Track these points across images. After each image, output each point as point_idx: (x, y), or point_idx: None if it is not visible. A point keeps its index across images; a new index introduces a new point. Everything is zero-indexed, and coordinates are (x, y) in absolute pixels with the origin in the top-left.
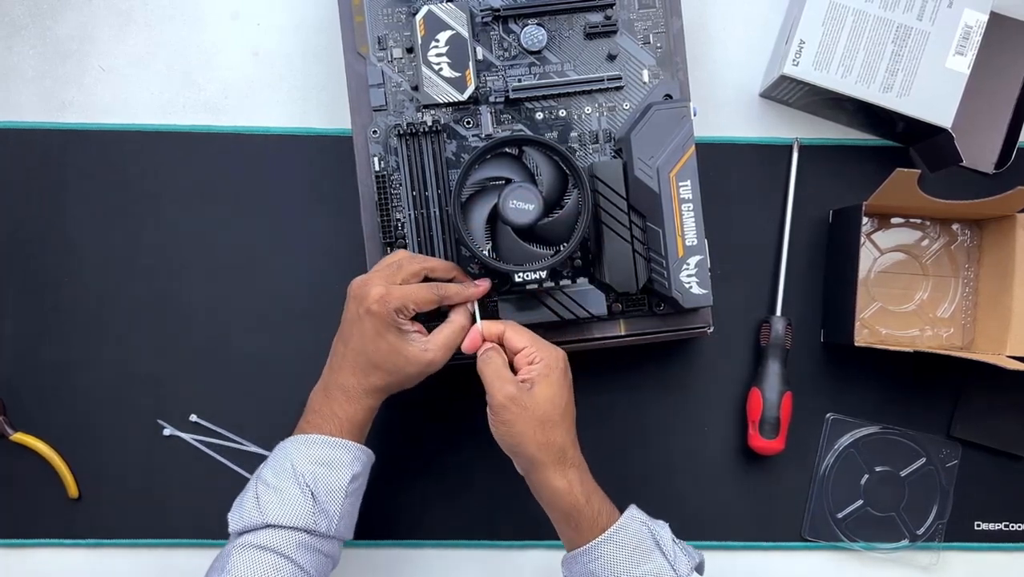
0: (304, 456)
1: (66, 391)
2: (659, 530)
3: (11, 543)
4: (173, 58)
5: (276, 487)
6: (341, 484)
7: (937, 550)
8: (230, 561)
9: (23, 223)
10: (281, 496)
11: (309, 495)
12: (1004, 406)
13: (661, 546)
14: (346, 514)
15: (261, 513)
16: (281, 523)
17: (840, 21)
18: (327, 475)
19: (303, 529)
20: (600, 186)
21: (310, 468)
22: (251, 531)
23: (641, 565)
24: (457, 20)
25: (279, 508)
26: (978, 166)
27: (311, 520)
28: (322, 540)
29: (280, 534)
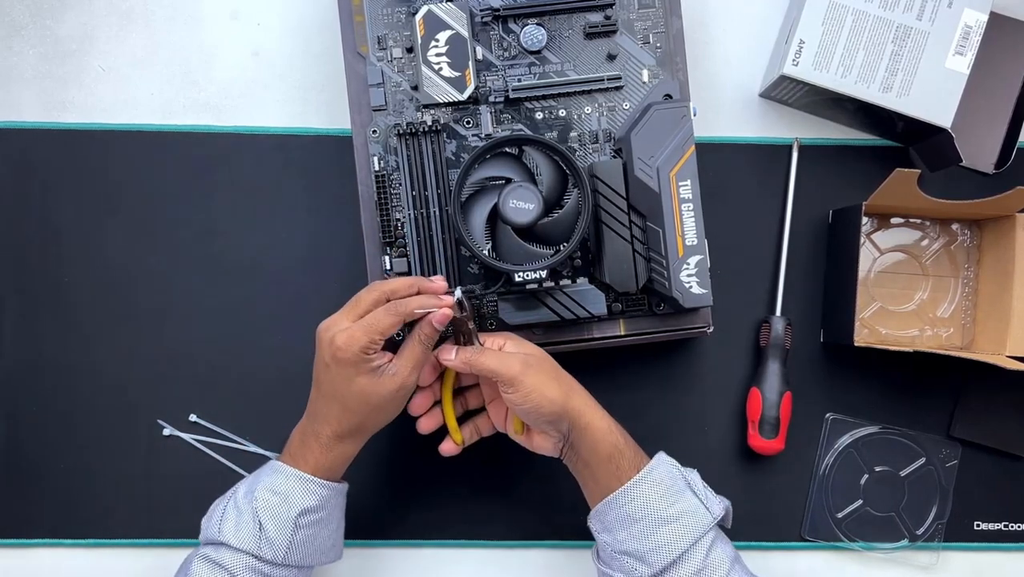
0: (266, 483)
1: (66, 391)
2: (689, 474)
3: (11, 543)
4: (173, 58)
5: (239, 508)
6: (289, 516)
7: (937, 550)
8: (191, 569)
9: (23, 223)
10: (238, 518)
11: (257, 523)
12: (1004, 406)
13: (692, 487)
14: (299, 545)
15: (219, 531)
16: (231, 544)
17: (840, 21)
18: (277, 506)
19: (249, 553)
20: (600, 186)
21: (265, 496)
22: (211, 544)
23: (675, 504)
24: (457, 20)
25: (232, 529)
26: (978, 166)
27: (255, 546)
28: (272, 567)
29: (232, 554)
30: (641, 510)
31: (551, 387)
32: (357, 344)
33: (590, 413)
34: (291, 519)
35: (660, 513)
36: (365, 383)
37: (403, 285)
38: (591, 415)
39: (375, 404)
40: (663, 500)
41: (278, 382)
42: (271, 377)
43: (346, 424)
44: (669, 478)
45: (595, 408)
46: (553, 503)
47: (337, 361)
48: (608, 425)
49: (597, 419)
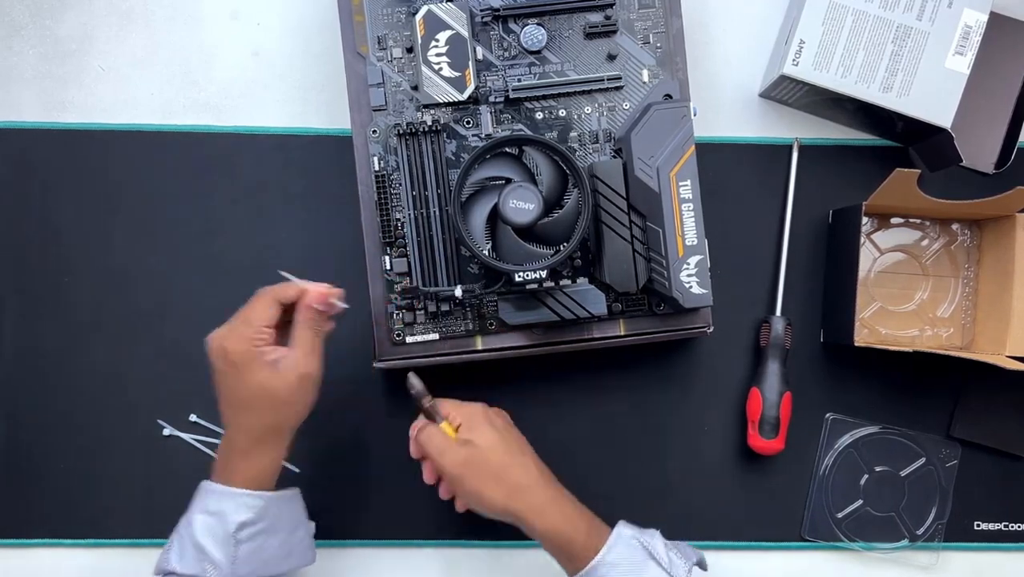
0: (199, 506)
1: (66, 391)
2: (650, 541)
3: (11, 543)
4: (173, 58)
5: (181, 535)
6: (227, 532)
7: (937, 550)
8: None
9: (22, 223)
10: (180, 545)
11: (197, 546)
12: (1004, 406)
13: (655, 556)
14: (244, 558)
15: (166, 560)
16: (177, 572)
17: (840, 21)
18: (215, 525)
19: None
20: (600, 186)
21: (201, 518)
22: (163, 574)
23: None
24: (457, 20)
25: (177, 558)
26: (978, 166)
27: (200, 568)
28: None
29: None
30: None
31: (491, 491)
32: (243, 338)
33: (532, 516)
34: (229, 535)
35: None
36: (265, 378)
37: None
38: (532, 518)
39: (282, 398)
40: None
41: None
42: None
43: (258, 427)
44: (628, 554)
45: (537, 509)
46: None
47: (231, 364)
48: (552, 524)
49: (539, 521)
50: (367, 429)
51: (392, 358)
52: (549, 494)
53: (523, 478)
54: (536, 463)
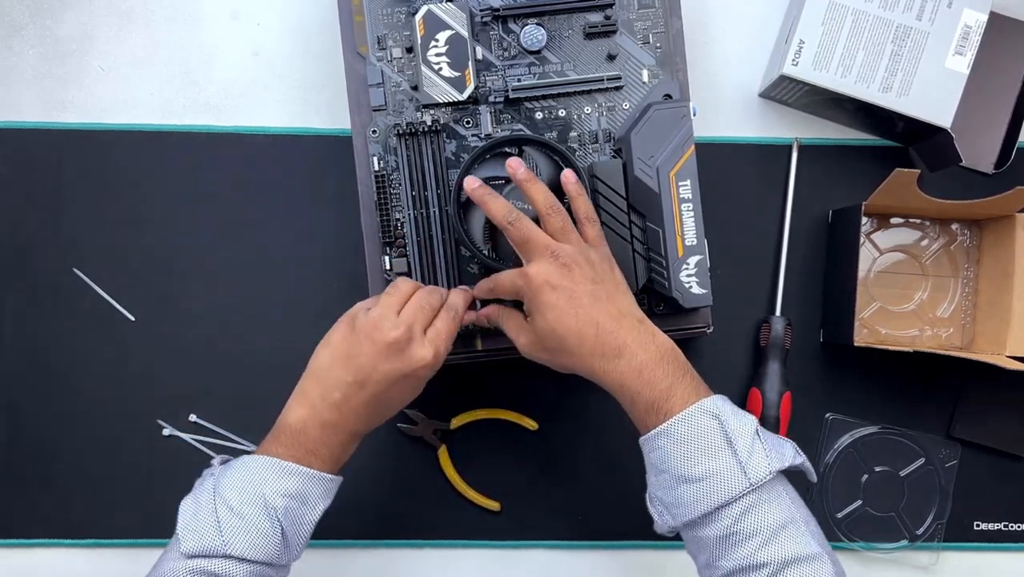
0: (277, 487)
1: (66, 391)
2: (737, 425)
3: (11, 543)
4: (173, 58)
5: (242, 514)
6: (313, 519)
7: (936, 550)
8: None
9: (23, 223)
10: (248, 526)
11: (279, 531)
12: (1004, 406)
13: (733, 443)
14: (306, 543)
15: (223, 542)
16: (244, 556)
17: (840, 21)
18: (299, 510)
19: (263, 563)
20: (600, 186)
21: (283, 501)
22: (208, 557)
23: (701, 463)
24: (457, 20)
25: (244, 540)
26: (978, 166)
27: (276, 555)
28: (278, 570)
29: (239, 565)
30: (663, 462)
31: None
32: (439, 363)
33: (603, 373)
34: (313, 522)
35: (681, 472)
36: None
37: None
38: (604, 375)
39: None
40: (685, 458)
41: (278, 382)
42: (271, 377)
43: (379, 420)
44: (700, 433)
45: (607, 360)
46: (552, 504)
47: (416, 377)
48: (619, 381)
49: (609, 376)
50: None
51: None
52: (608, 346)
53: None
54: (601, 311)
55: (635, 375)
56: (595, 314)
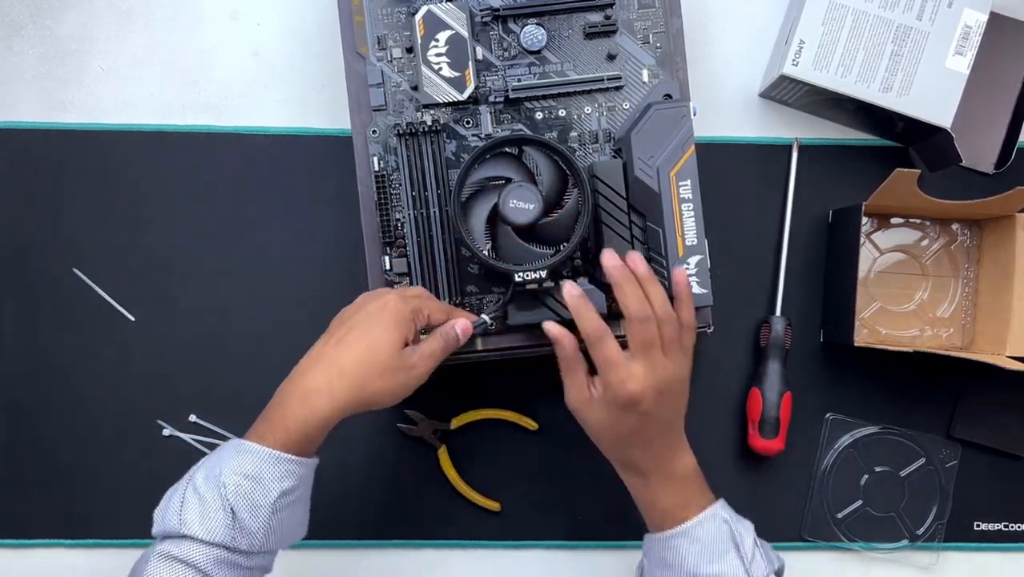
0: (233, 466)
1: (66, 391)
2: (742, 531)
3: (11, 543)
4: (173, 58)
5: (201, 496)
6: (267, 500)
7: (937, 550)
8: (148, 568)
9: (23, 223)
10: (203, 507)
11: (229, 511)
12: (1004, 406)
13: (740, 547)
14: (276, 529)
15: (181, 521)
16: (198, 537)
17: (840, 21)
18: (252, 490)
19: (221, 546)
20: (600, 186)
21: (235, 480)
22: (170, 538)
23: (713, 563)
24: (457, 20)
25: (198, 521)
26: (978, 166)
27: (229, 537)
28: (244, 556)
29: (198, 547)
30: (676, 560)
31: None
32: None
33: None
34: (268, 504)
35: (694, 570)
36: (396, 341)
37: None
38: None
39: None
40: (700, 558)
41: (278, 382)
42: (271, 377)
43: (352, 386)
44: (715, 536)
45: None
46: (552, 504)
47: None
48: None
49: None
50: (367, 429)
51: None
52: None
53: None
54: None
55: (664, 483)
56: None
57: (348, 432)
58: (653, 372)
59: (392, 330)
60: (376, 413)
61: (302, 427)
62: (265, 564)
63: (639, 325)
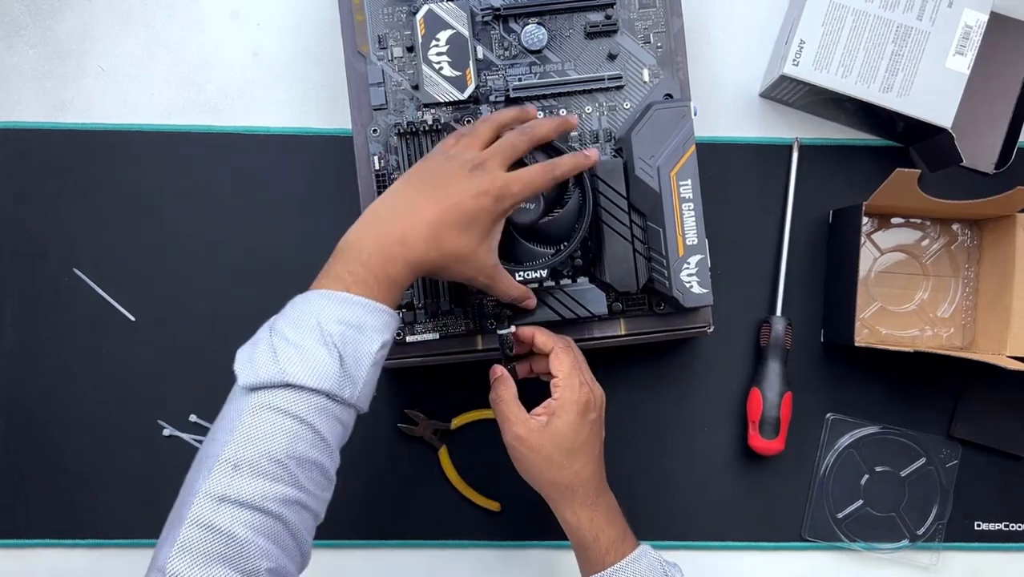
0: (332, 315)
1: (66, 391)
2: (673, 572)
3: (11, 543)
4: (173, 58)
5: (297, 344)
6: (371, 350)
7: (937, 550)
8: (241, 421)
9: (23, 223)
10: (304, 354)
11: (337, 357)
12: (1004, 406)
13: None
14: (369, 383)
15: (281, 370)
16: (303, 384)
17: (840, 21)
18: (357, 338)
19: (325, 393)
20: (601, 185)
21: (339, 328)
22: (266, 388)
23: None
24: (457, 19)
25: (302, 367)
26: (978, 166)
27: (336, 384)
28: (342, 408)
29: (300, 396)
30: None
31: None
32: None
33: (558, 506)
34: (371, 353)
35: None
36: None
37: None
38: (558, 508)
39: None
40: None
41: None
42: None
43: (438, 252)
44: (648, 574)
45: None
46: None
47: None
48: (576, 521)
49: (564, 513)
50: (367, 429)
51: (392, 358)
52: (590, 497)
53: (567, 477)
54: (591, 467)
55: (609, 513)
56: (599, 453)
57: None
58: (597, 386)
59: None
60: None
61: (394, 282)
62: (351, 423)
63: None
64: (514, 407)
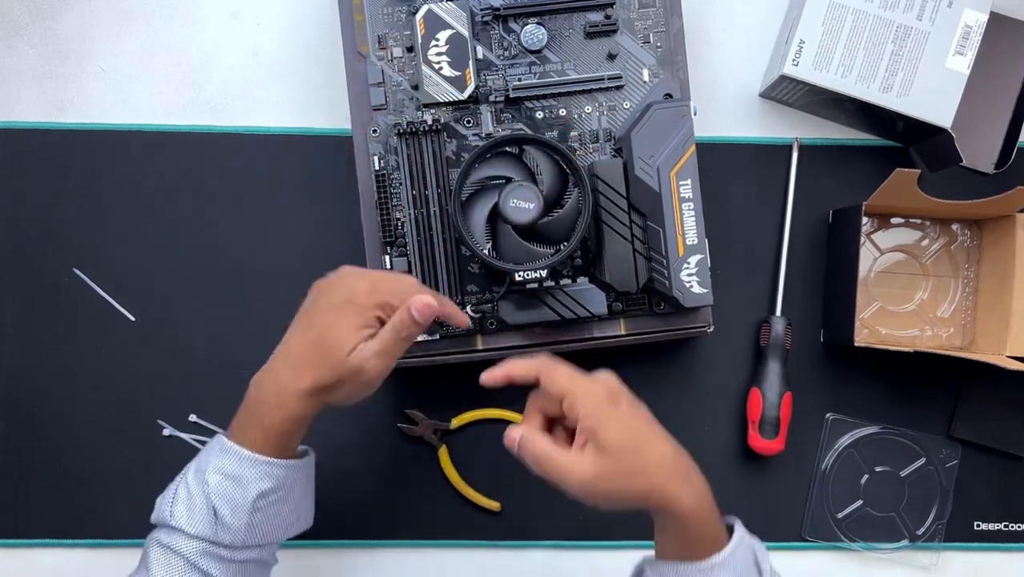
0: (216, 465)
1: (66, 391)
2: (760, 553)
3: (11, 543)
4: (173, 58)
5: (190, 492)
6: (246, 501)
7: (937, 550)
8: (150, 558)
9: (23, 223)
10: (190, 503)
11: (211, 510)
12: (1004, 406)
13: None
14: (259, 525)
15: (170, 513)
16: (184, 530)
17: (840, 21)
18: (232, 490)
19: (205, 540)
20: (600, 185)
21: (217, 480)
22: (165, 528)
23: None
24: (457, 19)
25: (184, 515)
26: (978, 166)
27: (211, 532)
28: (228, 550)
29: (187, 541)
30: None
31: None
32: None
33: (677, 498)
34: (248, 503)
35: None
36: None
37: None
38: (678, 500)
39: (338, 367)
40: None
41: None
42: None
43: (308, 376)
44: (744, 563)
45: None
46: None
47: (350, 304)
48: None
49: (684, 501)
50: (368, 428)
51: None
52: (683, 476)
53: (662, 460)
54: (666, 436)
55: (703, 501)
56: (657, 423)
57: (348, 432)
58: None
59: (348, 329)
60: (376, 413)
61: (278, 426)
62: (259, 557)
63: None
64: (554, 454)
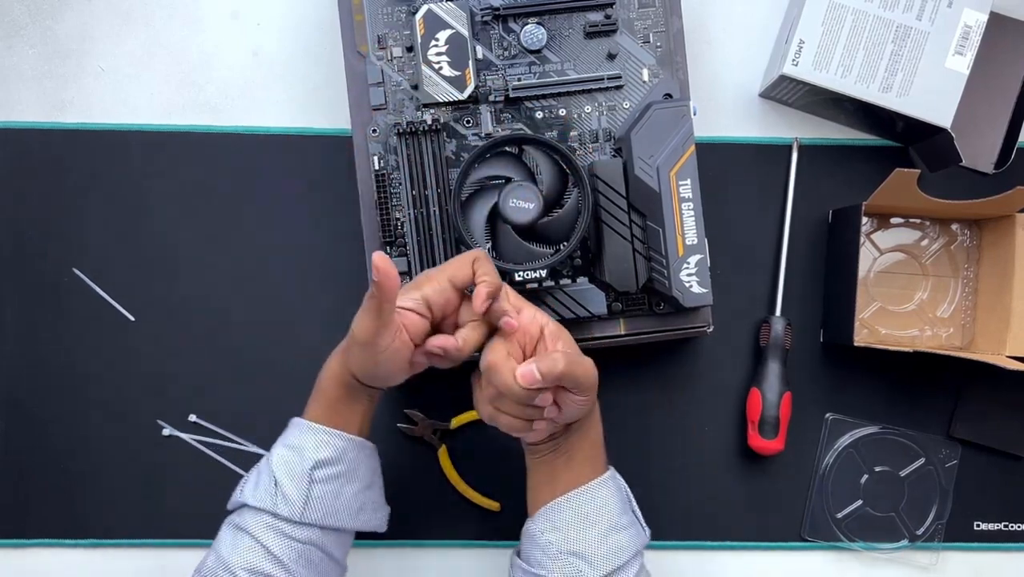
0: (282, 440)
1: (66, 391)
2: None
3: (11, 543)
4: (173, 58)
5: (259, 468)
6: (303, 469)
7: (937, 550)
8: (219, 537)
9: (23, 223)
10: (257, 478)
11: (273, 479)
12: (1004, 406)
13: (632, 503)
14: (317, 499)
15: (240, 492)
16: (249, 503)
17: (840, 21)
18: (291, 459)
19: (266, 511)
20: (600, 185)
21: (280, 451)
22: (236, 509)
23: (626, 513)
24: (457, 19)
25: (251, 489)
26: (978, 166)
27: (272, 503)
28: (292, 526)
29: (252, 515)
30: (598, 513)
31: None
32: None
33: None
34: (304, 472)
35: (614, 520)
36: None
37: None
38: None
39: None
40: (619, 507)
41: (278, 382)
42: (271, 377)
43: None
44: (623, 489)
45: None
46: None
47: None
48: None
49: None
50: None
51: None
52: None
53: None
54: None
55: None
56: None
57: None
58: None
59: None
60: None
61: (333, 399)
62: (321, 542)
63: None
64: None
